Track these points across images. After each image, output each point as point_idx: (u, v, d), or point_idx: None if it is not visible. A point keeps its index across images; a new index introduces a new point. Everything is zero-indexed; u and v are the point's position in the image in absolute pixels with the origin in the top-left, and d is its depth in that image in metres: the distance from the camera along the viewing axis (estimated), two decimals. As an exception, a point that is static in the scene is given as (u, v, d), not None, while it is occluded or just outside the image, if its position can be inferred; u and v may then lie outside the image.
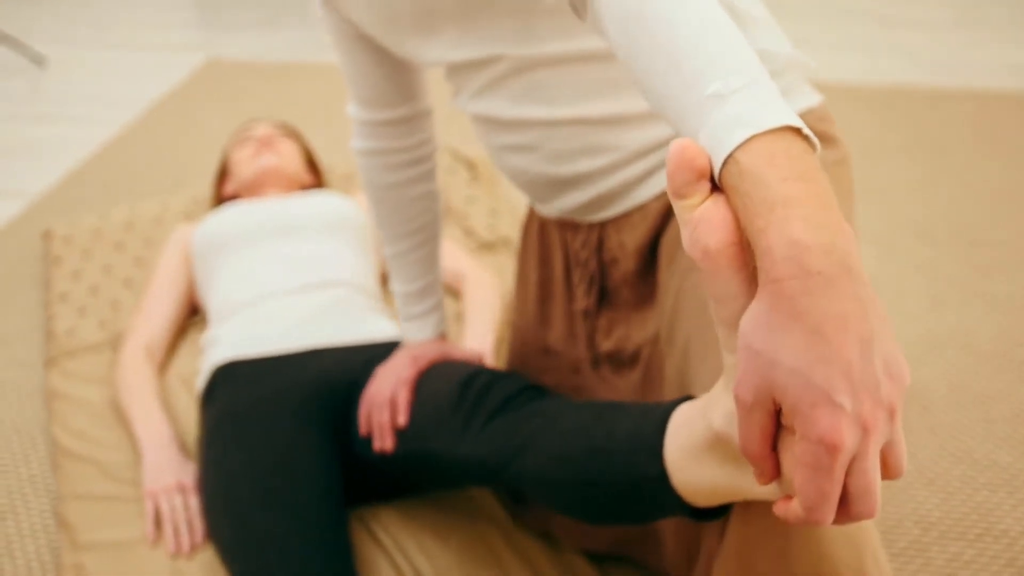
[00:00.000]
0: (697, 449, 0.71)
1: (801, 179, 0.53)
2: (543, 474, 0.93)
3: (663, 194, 1.03)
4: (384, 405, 1.17)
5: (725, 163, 0.55)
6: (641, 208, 1.05)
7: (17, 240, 2.10)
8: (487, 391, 1.08)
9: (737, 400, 0.56)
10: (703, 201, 0.57)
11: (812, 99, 1.06)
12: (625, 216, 1.07)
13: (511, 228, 1.99)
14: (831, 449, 0.52)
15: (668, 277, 1.02)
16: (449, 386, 1.12)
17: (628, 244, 1.07)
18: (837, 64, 3.10)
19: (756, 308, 0.54)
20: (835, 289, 0.51)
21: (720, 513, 0.78)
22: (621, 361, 1.14)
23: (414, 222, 1.24)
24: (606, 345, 1.15)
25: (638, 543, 1.15)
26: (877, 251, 2.01)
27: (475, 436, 1.04)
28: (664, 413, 0.80)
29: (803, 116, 1.04)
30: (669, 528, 1.05)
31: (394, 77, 1.15)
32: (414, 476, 1.18)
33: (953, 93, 2.81)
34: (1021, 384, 1.60)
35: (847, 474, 0.54)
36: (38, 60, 3.23)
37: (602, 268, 1.13)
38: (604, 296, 1.15)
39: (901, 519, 1.34)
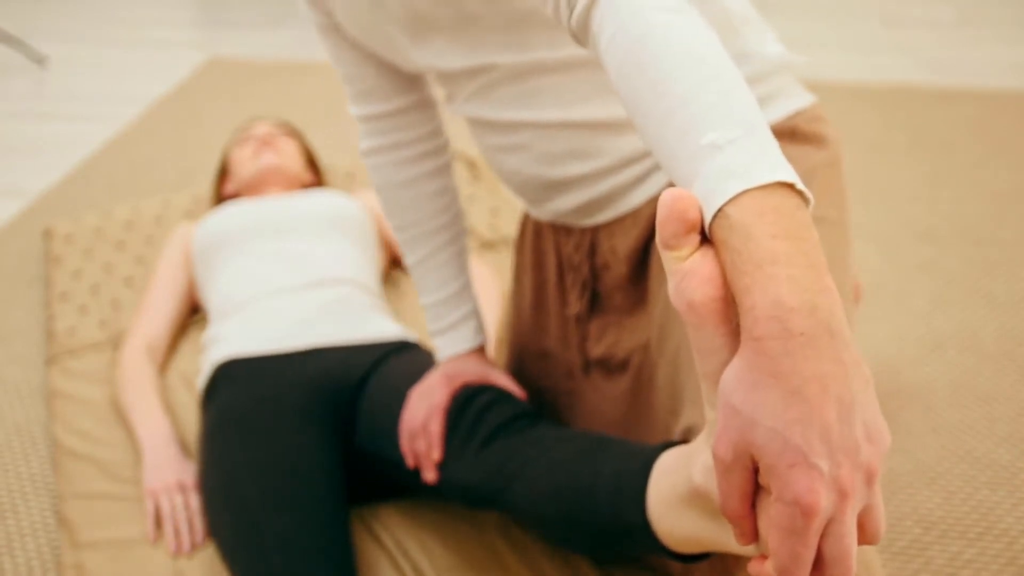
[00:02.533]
0: (678, 501, 0.71)
1: (790, 237, 0.53)
2: (532, 509, 0.95)
3: (654, 198, 1.03)
4: (418, 433, 1.13)
5: (716, 216, 0.55)
6: (633, 213, 1.05)
7: (18, 239, 2.10)
8: (483, 415, 1.08)
9: (716, 458, 0.55)
10: (692, 253, 0.56)
11: (803, 100, 1.06)
12: (617, 221, 1.07)
13: (512, 227, 1.99)
14: (806, 512, 0.51)
15: (658, 285, 1.02)
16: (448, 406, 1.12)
17: (620, 249, 1.07)
18: (839, 63, 3.09)
19: (737, 365, 0.53)
20: (816, 350, 0.51)
21: (704, 556, 0.78)
22: (611, 367, 1.14)
23: (435, 220, 1.18)
24: (597, 350, 1.15)
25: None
26: (879, 250, 2.00)
27: (469, 462, 1.05)
28: (649, 458, 0.80)
29: (794, 117, 1.04)
30: None
31: (388, 69, 1.13)
32: (410, 483, 1.19)
33: (956, 92, 2.81)
34: (1023, 383, 1.60)
35: (822, 537, 0.53)
36: (39, 59, 3.23)
37: (594, 273, 1.12)
38: (596, 301, 1.14)
39: (902, 518, 1.34)
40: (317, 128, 2.65)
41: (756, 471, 0.54)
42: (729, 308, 0.55)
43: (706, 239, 0.57)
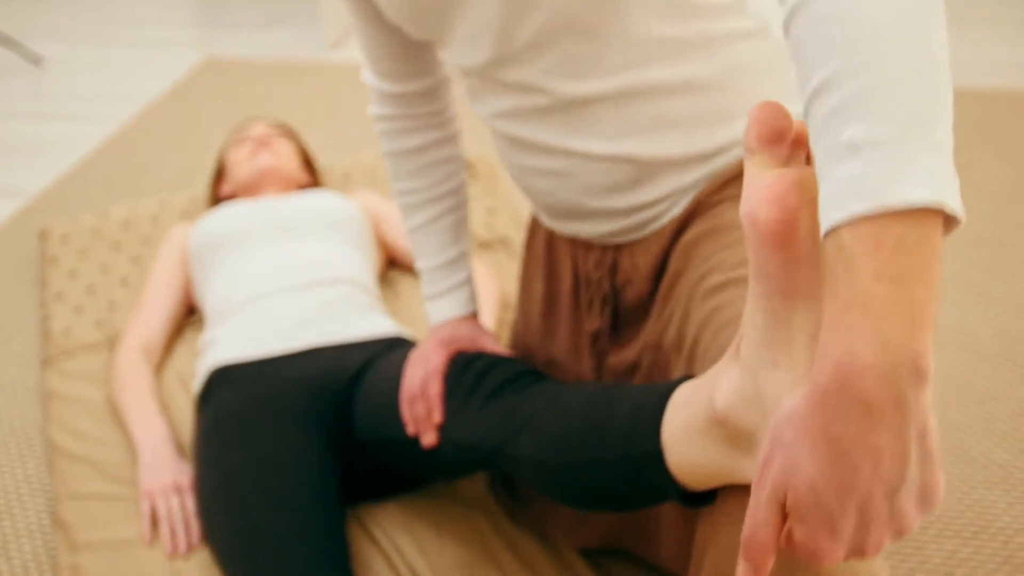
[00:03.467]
0: (696, 428, 0.70)
1: (899, 281, 0.46)
2: (538, 456, 0.92)
3: (678, 217, 1.01)
4: (416, 398, 1.12)
5: (828, 233, 0.49)
6: (658, 231, 1.03)
7: (15, 239, 2.10)
8: (485, 374, 1.06)
9: (755, 483, 0.54)
10: (770, 166, 0.54)
11: None
12: (641, 240, 1.05)
13: (509, 227, 1.99)
14: (817, 563, 0.51)
15: (673, 286, 1.01)
16: (447, 370, 1.11)
17: (642, 266, 1.05)
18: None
19: (799, 404, 0.51)
20: (876, 422, 0.47)
21: (710, 499, 0.77)
22: (621, 373, 1.13)
23: (439, 188, 1.18)
24: (612, 360, 1.14)
25: (631, 534, 1.15)
26: (876, 249, 2.00)
27: (471, 419, 1.03)
28: (665, 391, 0.78)
29: None
30: (666, 527, 1.05)
31: (411, 53, 1.12)
32: (411, 463, 1.17)
33: (953, 92, 2.81)
34: (1021, 383, 1.60)
35: None
36: (36, 60, 3.23)
37: (615, 290, 1.11)
38: (616, 316, 1.13)
39: (899, 518, 1.34)
40: (314, 129, 2.65)
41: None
42: (792, 234, 0.53)
43: (805, 161, 0.55)
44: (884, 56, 0.50)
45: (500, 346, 1.18)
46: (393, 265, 1.88)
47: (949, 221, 0.49)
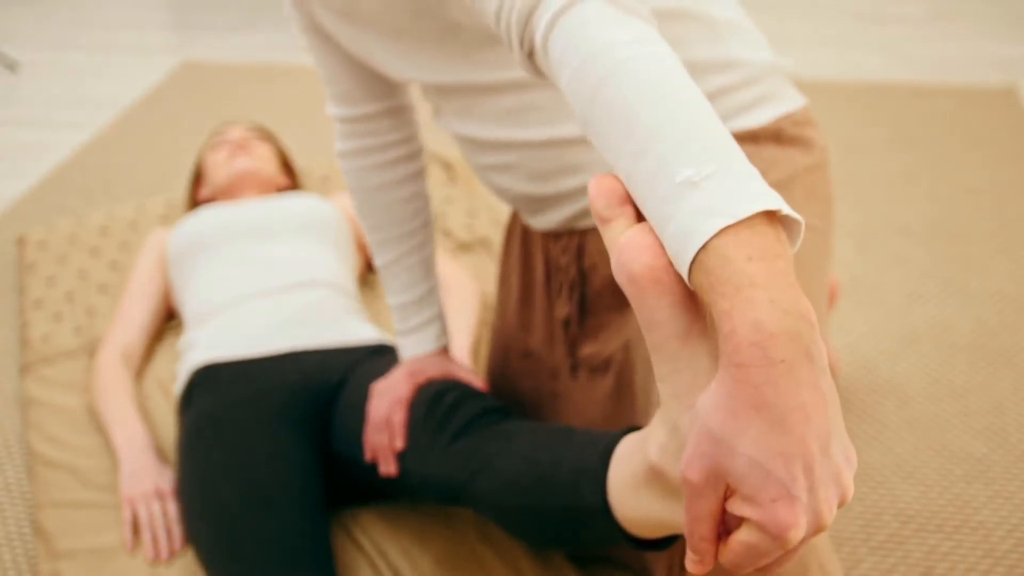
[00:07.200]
0: (636, 483, 0.71)
1: (765, 258, 0.51)
2: (496, 501, 0.95)
3: None
4: (381, 427, 1.14)
5: (698, 252, 0.53)
6: None
7: (-9, 246, 2.08)
8: (454, 410, 1.08)
9: (685, 481, 0.54)
10: (628, 227, 0.56)
11: (792, 103, 1.06)
12: None
13: (489, 228, 1.99)
14: (785, 543, 0.51)
15: None
16: (418, 402, 1.12)
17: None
18: (814, 60, 3.11)
19: (717, 390, 0.52)
20: (797, 378, 0.50)
21: (665, 545, 0.77)
22: (595, 367, 1.14)
23: (406, 225, 1.20)
24: (585, 351, 1.15)
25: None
26: (856, 246, 2.01)
27: (439, 456, 1.05)
28: (609, 444, 0.80)
29: (781, 120, 1.04)
30: None
31: (366, 74, 1.13)
32: (386, 484, 1.18)
33: (930, 88, 2.83)
34: (997, 377, 1.61)
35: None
36: (10, 65, 3.20)
37: (582, 274, 1.13)
38: (584, 303, 1.15)
39: (879, 513, 1.35)
40: (292, 131, 2.64)
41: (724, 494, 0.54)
42: (670, 277, 0.55)
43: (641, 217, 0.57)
44: (675, 115, 0.57)
45: (469, 374, 1.19)
46: (372, 268, 1.88)
47: (791, 229, 0.55)
